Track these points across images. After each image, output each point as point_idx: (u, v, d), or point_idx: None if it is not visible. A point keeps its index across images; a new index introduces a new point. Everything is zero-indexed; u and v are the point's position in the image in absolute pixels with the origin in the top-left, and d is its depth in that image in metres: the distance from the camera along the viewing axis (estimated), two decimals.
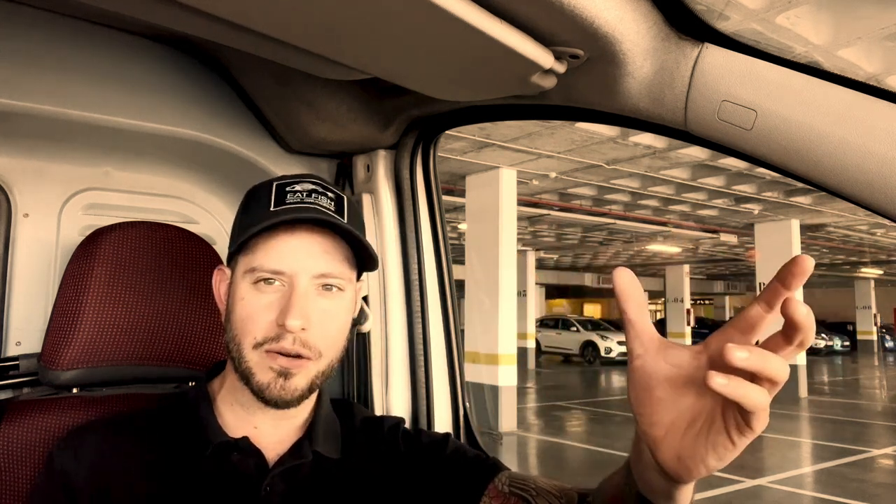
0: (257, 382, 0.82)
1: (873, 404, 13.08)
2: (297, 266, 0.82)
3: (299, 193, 0.84)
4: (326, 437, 0.92)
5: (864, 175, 0.74)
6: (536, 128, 7.68)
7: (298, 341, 0.81)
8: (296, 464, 0.87)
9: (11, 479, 0.96)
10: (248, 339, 0.82)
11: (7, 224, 1.27)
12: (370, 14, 0.78)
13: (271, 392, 0.82)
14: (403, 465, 0.94)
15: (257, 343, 0.81)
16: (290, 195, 0.84)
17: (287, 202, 0.83)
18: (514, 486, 0.89)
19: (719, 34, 0.83)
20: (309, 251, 0.83)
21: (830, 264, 22.07)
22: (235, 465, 0.85)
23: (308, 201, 0.84)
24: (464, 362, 1.41)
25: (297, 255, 0.82)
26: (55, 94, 1.14)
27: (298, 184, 0.86)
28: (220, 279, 0.91)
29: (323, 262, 0.83)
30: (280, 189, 0.85)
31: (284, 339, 0.80)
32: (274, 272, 0.81)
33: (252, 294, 0.82)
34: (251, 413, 0.88)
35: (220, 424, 0.88)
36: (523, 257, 17.39)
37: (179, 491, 0.83)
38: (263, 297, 0.82)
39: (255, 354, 0.81)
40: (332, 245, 0.85)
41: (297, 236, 0.82)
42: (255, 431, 0.88)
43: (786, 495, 6.37)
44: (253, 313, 0.82)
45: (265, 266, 0.81)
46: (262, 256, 0.82)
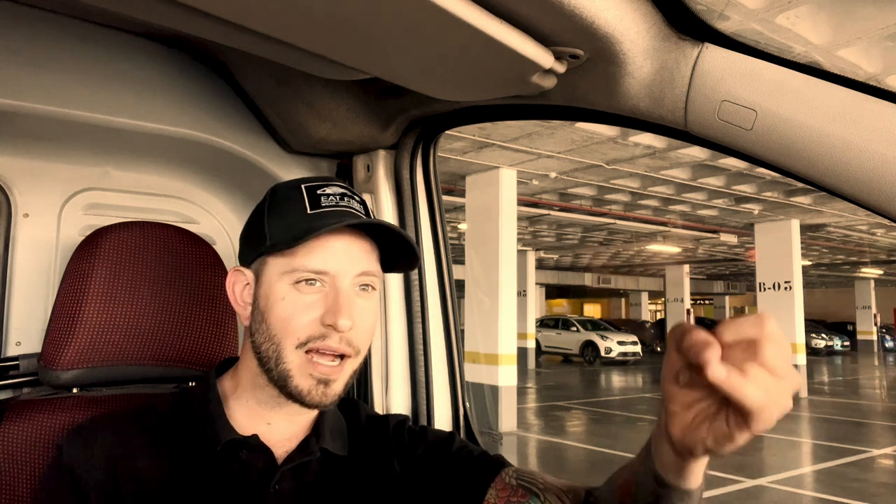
0: (296, 387, 0.83)
1: (873, 404, 13.08)
2: (340, 267, 0.83)
3: (332, 196, 0.87)
4: (333, 435, 0.93)
5: (864, 175, 0.74)
6: (536, 128, 7.68)
7: (344, 340, 0.82)
8: (304, 461, 0.88)
9: (11, 479, 0.96)
10: (290, 340, 0.82)
11: (7, 224, 1.27)
12: (370, 14, 0.78)
13: (312, 398, 0.83)
14: (410, 462, 0.95)
15: (300, 343, 0.82)
16: (323, 198, 0.86)
17: (323, 205, 0.85)
18: (522, 479, 0.90)
19: (719, 34, 0.83)
20: (350, 252, 0.85)
21: (830, 264, 22.07)
22: (244, 463, 0.86)
23: (342, 204, 0.86)
24: (464, 362, 1.41)
25: (340, 256, 0.83)
26: (55, 94, 1.14)
27: (328, 187, 0.88)
28: (235, 280, 0.91)
29: (363, 262, 0.86)
30: (311, 191, 0.87)
31: (331, 338, 0.82)
32: (317, 272, 0.83)
33: (293, 294, 0.83)
34: (269, 409, 0.89)
35: (231, 422, 0.88)
36: (523, 257, 17.39)
37: (188, 487, 0.83)
38: (306, 297, 0.83)
39: (296, 356, 0.82)
40: (369, 246, 0.87)
41: (339, 238, 0.84)
42: (268, 428, 0.89)
43: (786, 495, 6.37)
44: (296, 313, 0.82)
45: (308, 266, 0.82)
46: (305, 257, 0.82)
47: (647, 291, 32.20)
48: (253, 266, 0.89)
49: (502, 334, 9.49)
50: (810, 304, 22.80)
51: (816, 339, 25.35)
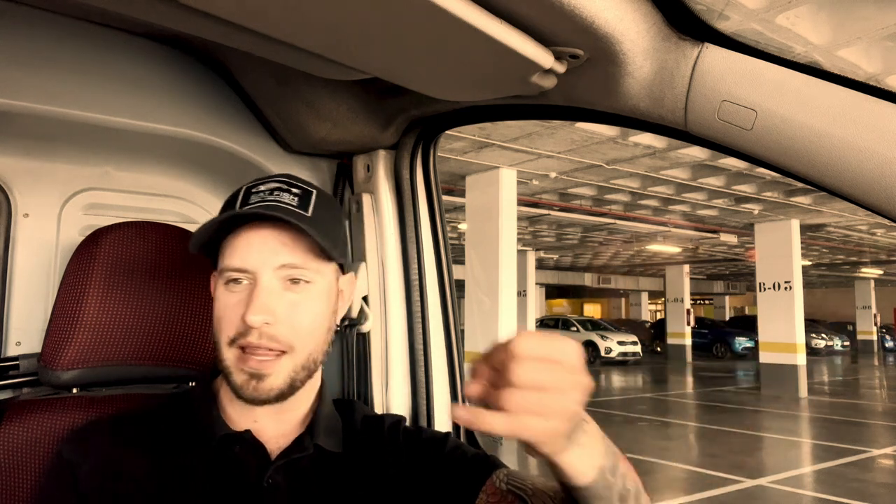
0: (233, 382, 0.84)
1: (873, 404, 13.08)
2: (258, 262, 0.84)
3: (262, 192, 0.87)
4: (328, 432, 0.93)
5: (864, 175, 0.74)
6: (536, 128, 7.68)
7: (264, 336, 0.82)
8: (297, 457, 0.88)
9: (12, 479, 0.96)
10: (222, 338, 0.84)
11: (7, 224, 1.27)
12: (370, 14, 0.78)
13: (245, 392, 0.84)
14: (404, 460, 0.95)
15: (230, 340, 0.84)
16: (253, 195, 0.87)
17: (251, 202, 0.86)
18: (512, 483, 0.89)
19: (719, 34, 0.83)
20: (267, 246, 0.84)
21: (830, 264, 22.07)
22: (238, 458, 0.86)
23: (269, 199, 0.86)
24: (464, 362, 1.41)
25: (256, 250, 0.84)
26: (55, 94, 1.14)
27: (264, 184, 0.89)
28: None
29: (283, 255, 0.84)
30: (247, 191, 0.89)
31: (250, 334, 0.82)
32: (238, 270, 0.84)
33: (223, 294, 0.85)
34: (250, 408, 0.89)
35: (224, 419, 0.90)
36: (523, 257, 17.38)
37: (185, 485, 0.84)
38: (232, 295, 0.85)
39: (230, 353, 0.84)
40: (293, 237, 0.85)
41: (257, 233, 0.84)
42: (256, 425, 0.89)
43: (786, 495, 6.37)
44: (224, 312, 0.85)
45: (231, 265, 0.85)
46: (228, 256, 0.85)
47: (647, 291, 32.20)
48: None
49: (502, 334, 9.45)
50: (810, 304, 22.82)
51: (816, 339, 25.34)
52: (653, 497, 4.45)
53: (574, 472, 0.65)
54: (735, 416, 11.02)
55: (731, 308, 36.65)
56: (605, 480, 0.67)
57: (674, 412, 11.59)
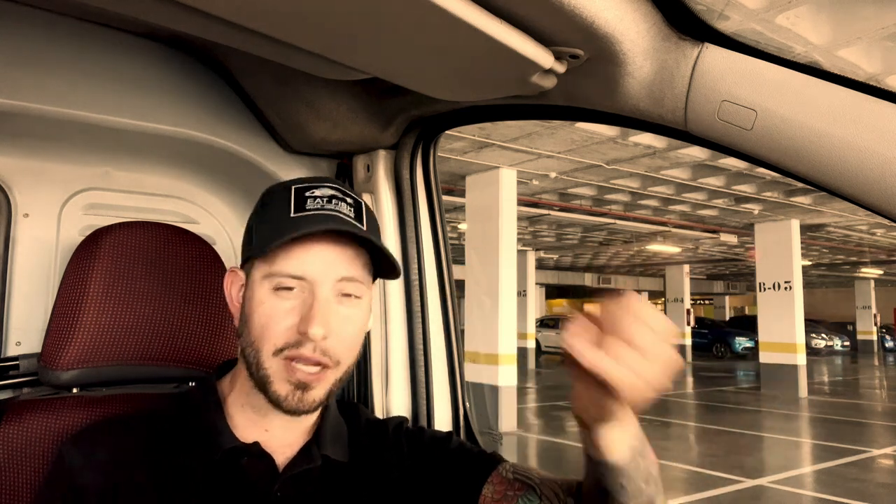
0: (274, 392, 0.81)
1: (873, 404, 13.08)
2: (318, 273, 0.81)
3: (319, 199, 0.84)
4: (334, 441, 0.92)
5: (864, 175, 0.74)
6: (536, 128, 7.68)
7: (319, 349, 0.80)
8: (305, 468, 0.87)
9: (12, 479, 0.96)
10: (267, 346, 0.81)
11: (7, 224, 1.27)
12: (370, 14, 0.78)
13: (289, 404, 0.82)
14: (408, 463, 0.95)
15: (277, 349, 0.81)
16: (309, 200, 0.83)
17: (307, 208, 0.83)
18: (518, 473, 0.90)
19: (719, 34, 0.83)
20: (330, 258, 0.82)
21: (830, 264, 22.06)
22: (246, 470, 0.85)
23: (329, 207, 0.83)
24: (464, 362, 1.41)
25: (318, 262, 0.81)
26: (55, 94, 1.14)
27: (318, 188, 0.85)
28: (232, 281, 0.90)
29: (343, 268, 0.83)
30: (299, 193, 0.84)
31: (305, 346, 0.80)
32: (295, 277, 0.81)
33: (272, 299, 0.81)
34: (263, 416, 0.88)
35: (231, 428, 0.87)
36: (523, 257, 17.38)
37: (189, 495, 0.82)
38: (284, 302, 0.81)
39: (274, 362, 0.81)
40: (353, 252, 0.84)
41: (319, 243, 0.82)
42: (267, 435, 0.88)
43: (786, 495, 6.37)
44: (273, 319, 0.81)
45: (286, 271, 0.81)
46: (283, 262, 0.81)
47: (647, 291, 32.20)
48: (245, 267, 0.88)
49: (502, 334, 9.48)
50: (810, 304, 22.80)
51: (816, 339, 25.33)
52: None
53: (612, 448, 0.70)
54: (735, 416, 11.02)
55: (731, 308, 36.62)
56: (636, 461, 0.71)
57: (674, 412, 11.59)
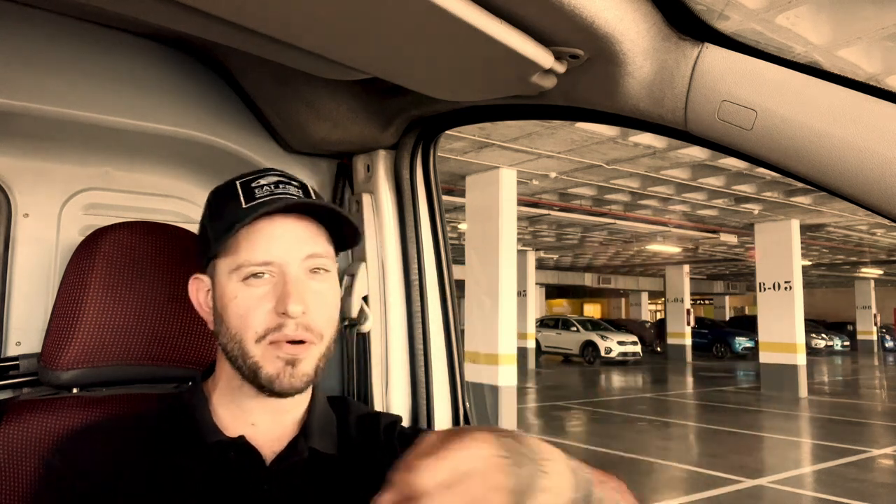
0: (266, 375, 0.82)
1: (873, 404, 13.08)
2: (284, 253, 0.82)
3: (266, 186, 0.85)
4: (322, 434, 0.92)
5: (864, 175, 0.74)
6: (536, 128, 7.68)
7: (301, 326, 0.82)
8: (293, 461, 0.87)
9: (12, 479, 0.96)
10: (249, 334, 0.82)
11: (7, 224, 1.27)
12: (370, 14, 0.78)
13: (281, 382, 0.82)
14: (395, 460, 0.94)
15: (259, 336, 0.82)
16: (257, 189, 0.85)
17: (257, 196, 0.84)
18: None
19: (719, 34, 0.83)
20: (292, 236, 0.83)
21: (830, 264, 22.07)
22: (233, 465, 0.85)
23: (277, 191, 0.85)
24: (464, 362, 1.41)
25: (282, 243, 0.83)
26: (55, 94, 1.14)
27: (262, 177, 0.87)
28: (197, 288, 0.91)
29: (308, 245, 0.84)
30: (246, 186, 0.86)
31: (287, 326, 0.81)
32: (263, 264, 0.82)
33: (244, 290, 0.83)
34: (248, 411, 0.88)
35: (217, 424, 0.88)
36: (523, 257, 17.39)
37: (178, 492, 0.83)
38: (256, 290, 0.82)
39: (259, 348, 0.82)
40: (312, 226, 0.86)
41: (279, 224, 0.83)
42: (253, 429, 0.88)
43: (786, 495, 6.37)
44: (249, 308, 0.82)
45: (252, 260, 0.82)
46: (247, 251, 0.82)
47: (647, 291, 32.20)
48: (208, 271, 0.89)
49: (502, 334, 9.48)
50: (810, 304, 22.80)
51: (816, 339, 25.35)
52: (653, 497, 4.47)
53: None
54: (735, 416, 11.02)
55: (731, 308, 36.64)
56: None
57: (674, 412, 11.59)
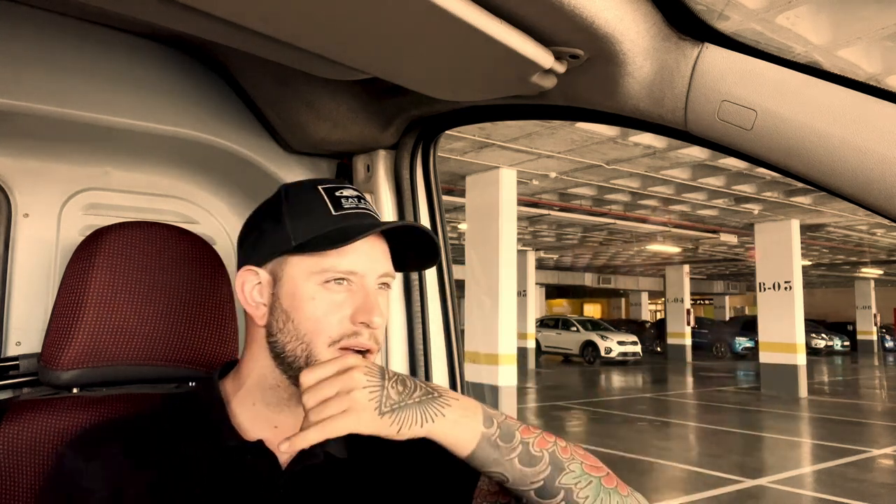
0: None
1: (873, 404, 13.08)
2: (367, 268, 0.87)
3: (351, 199, 0.90)
4: (336, 438, 0.92)
5: (863, 175, 0.74)
6: (536, 128, 7.68)
7: (372, 337, 0.86)
8: (309, 465, 0.88)
9: (12, 479, 0.96)
10: (322, 338, 0.84)
11: (7, 224, 1.27)
12: (370, 14, 0.78)
13: None
14: (405, 462, 0.94)
15: (333, 340, 0.84)
16: (343, 200, 0.90)
17: (345, 207, 0.89)
18: None
19: (719, 34, 0.83)
20: (375, 254, 0.88)
21: (830, 264, 22.07)
22: (249, 468, 0.85)
23: (361, 206, 0.90)
24: (464, 362, 1.41)
25: (366, 258, 0.87)
26: (55, 94, 1.14)
27: (344, 189, 0.91)
28: (245, 280, 0.90)
29: (385, 263, 0.90)
30: (330, 193, 0.90)
31: (362, 335, 0.85)
32: (348, 272, 0.86)
33: (322, 293, 0.85)
34: (276, 412, 0.89)
35: (235, 427, 0.88)
36: (523, 257, 17.39)
37: (193, 493, 0.83)
38: (336, 295, 0.85)
39: (330, 352, 0.84)
40: (387, 248, 0.91)
41: (366, 240, 0.87)
42: (274, 432, 0.88)
43: (786, 495, 6.37)
44: (328, 312, 0.85)
45: (340, 267, 0.85)
46: (336, 258, 0.85)
47: (647, 291, 32.20)
48: (268, 266, 0.88)
49: (502, 334, 9.49)
50: (810, 304, 22.80)
51: (816, 339, 25.34)
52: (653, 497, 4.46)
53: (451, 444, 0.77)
54: (735, 416, 11.02)
55: (731, 308, 36.63)
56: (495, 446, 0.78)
57: (674, 412, 11.60)
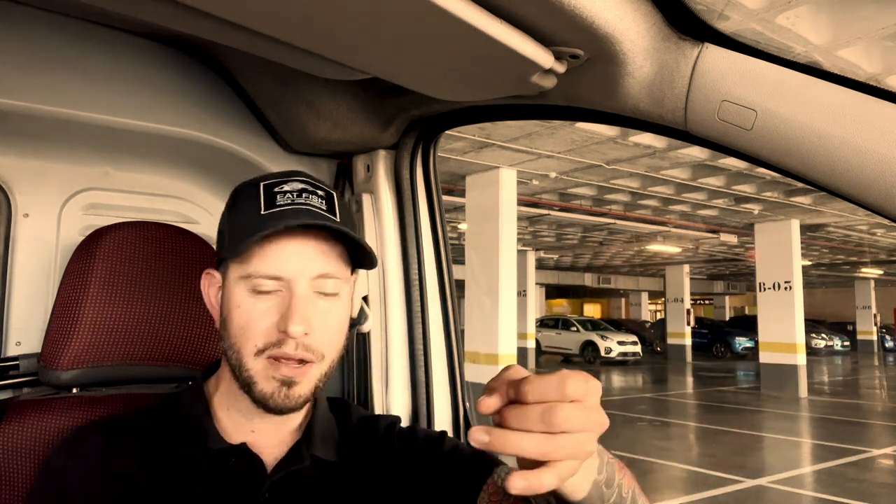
0: (260, 391, 0.81)
1: (873, 404, 13.08)
2: (294, 270, 0.80)
3: (289, 194, 0.82)
4: (324, 440, 0.91)
5: (863, 175, 0.74)
6: (536, 128, 7.68)
7: (301, 346, 0.80)
8: (294, 469, 0.86)
9: (11, 479, 0.96)
10: (248, 347, 0.80)
11: (7, 224, 1.27)
12: (370, 14, 0.78)
13: (275, 401, 0.81)
14: (400, 465, 0.93)
15: (259, 350, 0.80)
16: (279, 196, 0.82)
17: (278, 204, 0.81)
18: None
19: (719, 34, 0.83)
20: (305, 254, 0.81)
21: (830, 264, 22.07)
22: (234, 472, 0.84)
23: (299, 202, 0.82)
24: (464, 362, 1.41)
25: (293, 259, 0.80)
26: (55, 94, 1.14)
27: (287, 183, 0.84)
28: (208, 283, 0.89)
29: (320, 264, 0.82)
30: (268, 190, 0.83)
31: (287, 344, 0.79)
32: (271, 277, 0.80)
33: (249, 301, 0.81)
34: (249, 418, 0.87)
35: (218, 429, 0.87)
36: (523, 257, 17.39)
37: (177, 497, 0.82)
38: (261, 303, 0.80)
39: (257, 362, 0.80)
40: (328, 246, 0.83)
41: (292, 240, 0.80)
42: (253, 435, 0.87)
43: (786, 495, 6.37)
44: (251, 320, 0.80)
45: (261, 272, 0.80)
46: (258, 262, 0.80)
47: (647, 291, 32.20)
48: (220, 269, 0.87)
49: (502, 334, 9.49)
50: (810, 304, 22.79)
51: (816, 339, 25.34)
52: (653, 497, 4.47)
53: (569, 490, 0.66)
54: (735, 416, 11.02)
55: (731, 308, 36.63)
56: (600, 493, 0.68)
57: (674, 412, 11.59)
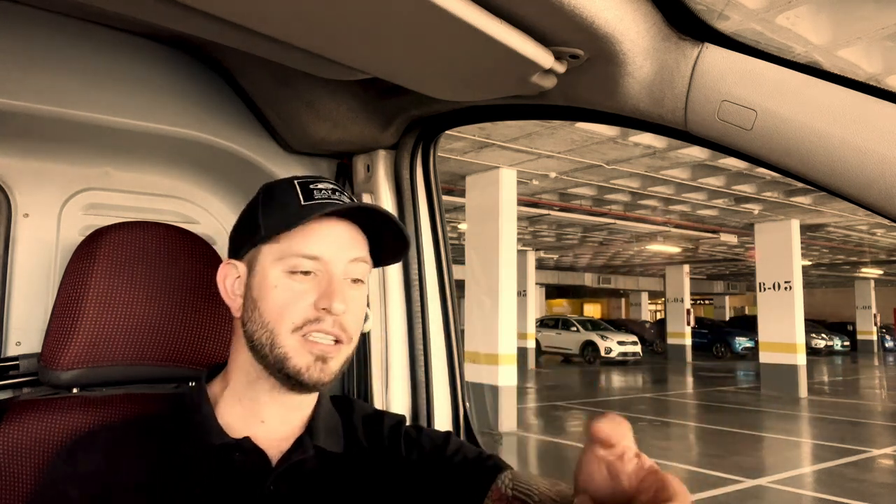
0: (294, 366, 0.83)
1: (873, 404, 13.08)
2: (333, 253, 0.86)
3: (324, 191, 0.89)
4: (328, 432, 0.92)
5: (863, 175, 0.74)
6: (536, 128, 7.68)
7: (338, 324, 0.84)
8: (298, 460, 0.87)
9: (12, 479, 0.96)
10: (285, 325, 0.84)
11: (7, 224, 1.27)
12: (370, 14, 0.78)
13: (310, 375, 0.84)
14: (404, 465, 0.94)
15: (296, 327, 0.84)
16: (315, 192, 0.89)
17: (316, 198, 0.88)
18: (518, 488, 0.88)
19: (719, 34, 0.83)
20: (343, 238, 0.87)
21: (830, 264, 22.07)
22: (238, 466, 0.85)
23: (334, 198, 0.89)
24: (464, 362, 1.41)
25: (332, 242, 0.86)
26: (55, 94, 1.14)
27: (320, 182, 0.91)
28: (227, 273, 0.91)
29: (355, 249, 0.88)
30: (304, 186, 0.90)
31: (325, 321, 0.84)
32: (311, 257, 0.85)
33: (286, 281, 0.85)
34: (261, 405, 0.88)
35: (222, 426, 0.88)
36: (523, 257, 17.39)
37: (182, 494, 0.82)
38: (298, 284, 0.85)
39: (292, 339, 0.84)
40: (360, 235, 0.91)
41: (332, 225, 0.87)
42: (262, 427, 0.88)
43: (786, 495, 6.37)
44: (291, 299, 0.84)
45: (302, 252, 0.85)
46: (300, 243, 0.85)
47: (647, 291, 32.20)
48: (245, 258, 0.90)
49: (502, 334, 9.48)
50: (810, 304, 22.80)
51: (816, 339, 25.34)
52: None
53: None
54: (735, 416, 11.02)
55: (731, 308, 36.63)
56: None
57: (674, 412, 11.59)
